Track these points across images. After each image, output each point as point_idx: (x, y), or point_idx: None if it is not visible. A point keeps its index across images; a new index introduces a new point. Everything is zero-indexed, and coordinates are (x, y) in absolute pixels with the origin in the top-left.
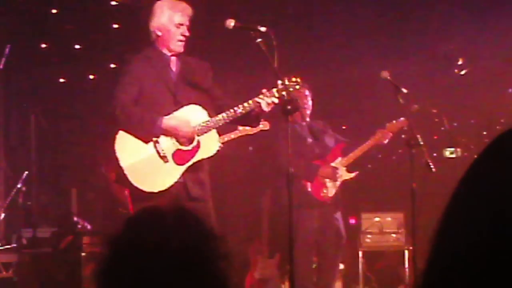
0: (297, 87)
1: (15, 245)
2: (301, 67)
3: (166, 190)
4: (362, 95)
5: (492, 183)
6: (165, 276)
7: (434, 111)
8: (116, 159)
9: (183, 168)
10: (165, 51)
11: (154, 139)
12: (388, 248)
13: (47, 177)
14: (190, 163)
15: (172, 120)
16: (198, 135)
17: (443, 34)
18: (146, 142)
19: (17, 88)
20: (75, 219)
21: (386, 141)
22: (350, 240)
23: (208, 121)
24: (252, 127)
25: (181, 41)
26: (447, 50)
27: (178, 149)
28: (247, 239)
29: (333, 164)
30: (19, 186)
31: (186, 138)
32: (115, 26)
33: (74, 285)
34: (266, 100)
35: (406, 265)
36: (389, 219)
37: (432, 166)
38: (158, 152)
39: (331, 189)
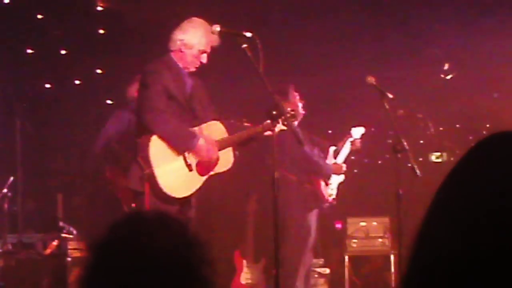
0: (292, 120)
1: (0, 250)
2: (286, 72)
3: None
4: (347, 100)
5: (472, 187)
6: (148, 282)
7: (420, 116)
8: (148, 162)
9: (203, 179)
10: (180, 65)
11: None
12: (374, 253)
13: (32, 182)
14: (209, 174)
15: (206, 142)
16: (220, 149)
17: (428, 39)
18: (178, 153)
19: (3, 93)
20: (61, 224)
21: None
22: (336, 244)
23: (227, 138)
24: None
25: (197, 65)
26: (433, 53)
27: (201, 160)
28: (232, 244)
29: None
30: (4, 191)
31: (202, 166)
32: (101, 31)
33: None
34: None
35: (392, 269)
36: (375, 223)
37: (417, 171)
38: (185, 160)
39: (334, 190)
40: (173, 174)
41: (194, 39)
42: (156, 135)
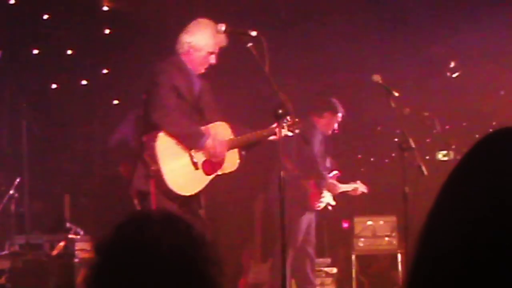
0: (297, 130)
1: (7, 252)
2: (292, 72)
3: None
4: (354, 98)
5: (477, 182)
6: (155, 282)
7: (426, 114)
8: (155, 158)
9: (209, 178)
10: (189, 67)
11: None
12: (381, 252)
13: (39, 183)
14: (215, 174)
15: (215, 141)
16: (227, 150)
17: (434, 37)
18: (186, 150)
19: (9, 94)
20: (68, 225)
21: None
22: (343, 244)
23: (234, 139)
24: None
25: (206, 67)
26: (439, 51)
27: (208, 160)
28: (240, 244)
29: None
30: (11, 192)
31: (217, 159)
32: (107, 31)
33: None
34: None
35: (399, 268)
36: (382, 222)
37: (424, 170)
38: (191, 158)
39: (323, 203)
40: (179, 172)
41: (202, 41)
42: (165, 132)
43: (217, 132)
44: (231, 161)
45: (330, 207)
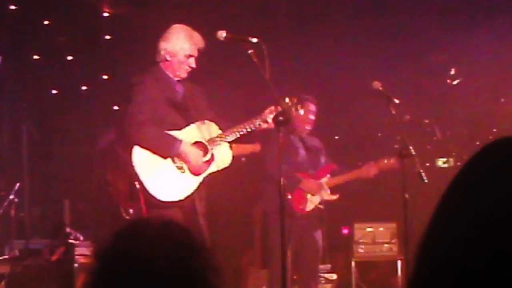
0: (299, 107)
1: (7, 256)
2: (292, 78)
3: (183, 200)
4: (354, 105)
5: (477, 191)
6: None
7: (426, 121)
8: (135, 173)
9: (199, 179)
10: (169, 74)
11: None
12: (381, 258)
13: (39, 188)
14: (205, 174)
15: (188, 149)
16: (212, 148)
17: (435, 44)
18: (164, 158)
19: (10, 99)
20: (68, 230)
21: (372, 175)
22: (343, 250)
23: (220, 135)
24: (249, 143)
25: (186, 71)
26: (440, 59)
27: (197, 162)
28: (240, 250)
29: (319, 181)
30: (11, 197)
31: (194, 168)
32: (107, 37)
33: None
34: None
35: (399, 275)
36: (382, 229)
37: (424, 176)
38: (174, 163)
39: (309, 203)
40: (164, 179)
41: (177, 46)
42: (138, 145)
43: (200, 131)
44: (222, 158)
45: (321, 206)
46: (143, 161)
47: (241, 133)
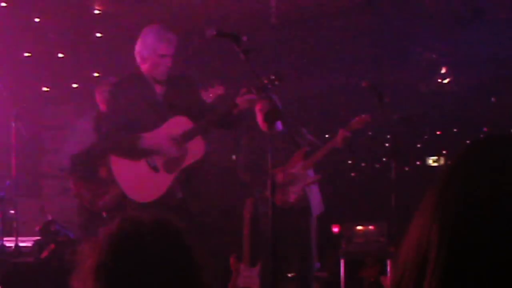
0: (276, 83)
1: None
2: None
3: (159, 199)
4: (344, 103)
5: (464, 187)
6: (142, 285)
7: (417, 119)
8: (115, 182)
9: (172, 176)
10: (149, 76)
11: None
12: (371, 257)
13: (28, 186)
14: (181, 169)
15: (152, 139)
16: (185, 142)
17: (426, 43)
18: (138, 160)
19: None
20: (58, 227)
21: (345, 139)
22: (332, 248)
23: (192, 128)
24: (233, 128)
25: (163, 71)
26: (430, 57)
27: (166, 159)
28: (229, 248)
29: (293, 170)
30: (1, 194)
31: (172, 152)
32: (98, 34)
33: None
34: (246, 98)
35: (388, 274)
36: (372, 227)
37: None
38: (148, 164)
39: (290, 194)
40: (138, 181)
41: (148, 46)
42: (113, 155)
43: (170, 128)
44: (195, 150)
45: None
46: (120, 167)
47: (212, 121)
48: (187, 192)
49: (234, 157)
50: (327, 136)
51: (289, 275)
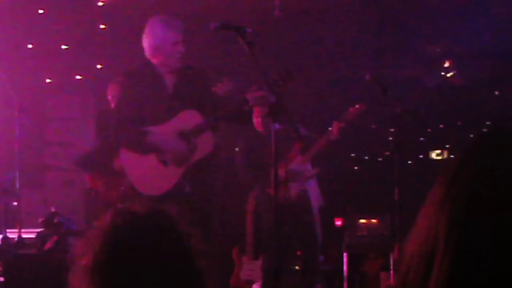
0: (286, 82)
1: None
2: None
3: (167, 193)
4: (348, 96)
5: (470, 180)
6: (140, 277)
7: (420, 113)
8: (125, 175)
9: (180, 171)
10: (161, 68)
11: None
12: (374, 251)
13: (32, 177)
14: (189, 163)
15: (160, 135)
16: (195, 137)
17: (430, 36)
18: (147, 153)
19: (3, 88)
20: (61, 219)
21: (340, 131)
22: (336, 242)
23: (202, 123)
24: (244, 124)
25: (177, 58)
26: (434, 50)
27: (177, 153)
28: (232, 240)
29: (292, 166)
30: (3, 186)
31: (180, 148)
32: (102, 26)
33: (62, 285)
34: (256, 95)
35: (391, 268)
36: (375, 221)
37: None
38: (158, 158)
39: (291, 190)
40: (147, 174)
41: (157, 38)
42: (123, 147)
43: (177, 123)
44: (204, 145)
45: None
46: (131, 159)
47: (222, 117)
48: (195, 186)
49: (237, 149)
50: (330, 129)
51: (293, 268)
